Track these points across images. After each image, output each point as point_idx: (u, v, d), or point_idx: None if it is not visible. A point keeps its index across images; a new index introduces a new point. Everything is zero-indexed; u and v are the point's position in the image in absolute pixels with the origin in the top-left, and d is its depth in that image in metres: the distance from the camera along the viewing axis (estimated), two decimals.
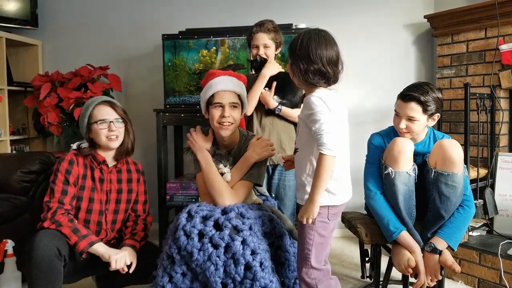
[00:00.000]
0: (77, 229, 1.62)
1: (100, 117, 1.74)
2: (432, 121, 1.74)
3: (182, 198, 2.61)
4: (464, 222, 1.66)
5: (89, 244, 1.61)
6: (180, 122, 2.79)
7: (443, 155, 1.61)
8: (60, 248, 1.54)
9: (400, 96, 1.74)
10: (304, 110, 1.44)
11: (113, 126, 1.74)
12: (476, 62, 2.49)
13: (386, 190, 1.71)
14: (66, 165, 1.74)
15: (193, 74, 2.69)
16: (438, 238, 1.63)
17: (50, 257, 1.51)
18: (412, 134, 1.73)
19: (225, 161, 1.73)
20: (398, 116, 1.73)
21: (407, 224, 1.67)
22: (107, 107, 1.76)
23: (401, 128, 1.71)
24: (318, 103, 1.37)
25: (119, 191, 1.81)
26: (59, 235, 1.59)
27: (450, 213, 1.65)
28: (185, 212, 1.55)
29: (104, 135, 1.74)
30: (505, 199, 2.30)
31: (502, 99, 2.43)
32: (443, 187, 1.62)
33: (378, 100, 2.78)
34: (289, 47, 1.45)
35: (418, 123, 1.70)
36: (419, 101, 1.66)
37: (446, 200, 1.63)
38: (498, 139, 2.43)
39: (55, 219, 1.63)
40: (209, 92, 1.71)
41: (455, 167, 1.60)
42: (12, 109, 3.09)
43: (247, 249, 1.44)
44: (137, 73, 3.22)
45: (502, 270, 1.94)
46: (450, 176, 1.61)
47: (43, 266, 1.50)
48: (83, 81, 2.91)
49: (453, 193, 1.62)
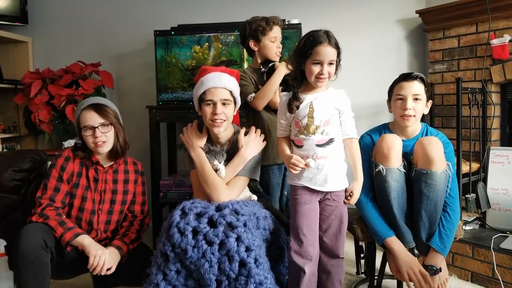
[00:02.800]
0: (63, 222, 1.62)
1: (84, 123, 1.72)
2: (426, 108, 1.76)
3: (175, 195, 2.60)
4: (453, 228, 1.68)
5: (74, 236, 1.60)
6: (173, 119, 2.77)
7: (422, 153, 1.62)
8: (46, 240, 1.54)
9: (401, 78, 1.75)
10: (343, 100, 1.59)
11: (98, 132, 1.71)
12: (467, 57, 2.50)
13: (377, 188, 1.70)
14: (61, 162, 1.74)
15: (185, 70, 2.68)
16: (434, 252, 1.64)
17: (36, 248, 1.50)
18: (416, 116, 1.71)
19: (220, 157, 1.73)
20: (402, 100, 1.72)
21: (398, 222, 1.66)
22: (92, 112, 1.72)
23: (408, 109, 1.69)
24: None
25: (114, 191, 1.80)
26: (46, 228, 1.59)
27: (430, 213, 1.64)
28: (179, 209, 1.54)
29: (91, 142, 1.72)
30: (497, 193, 2.32)
31: (494, 93, 2.45)
32: (423, 186, 1.63)
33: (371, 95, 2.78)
34: (337, 47, 1.54)
35: (421, 103, 1.72)
36: (421, 79, 1.72)
37: (425, 199, 1.63)
38: (490, 133, 2.45)
39: (43, 213, 1.64)
40: (201, 89, 1.70)
41: (433, 165, 1.60)
42: (2, 107, 3.06)
43: (241, 246, 1.44)
44: (129, 70, 3.19)
45: (495, 264, 1.96)
46: (428, 175, 1.61)
47: (29, 257, 1.49)
48: (74, 78, 2.88)
49: (432, 191, 1.62)
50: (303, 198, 1.58)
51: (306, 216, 1.57)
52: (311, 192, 1.58)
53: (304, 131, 1.56)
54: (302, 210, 1.57)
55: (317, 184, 1.56)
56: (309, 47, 1.51)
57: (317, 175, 1.55)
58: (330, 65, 1.53)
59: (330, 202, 1.59)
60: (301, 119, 1.56)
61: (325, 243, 1.60)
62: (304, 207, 1.57)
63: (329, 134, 1.55)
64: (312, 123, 1.54)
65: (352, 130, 1.61)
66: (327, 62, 1.51)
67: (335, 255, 1.61)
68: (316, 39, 1.51)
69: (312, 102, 1.56)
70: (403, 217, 1.68)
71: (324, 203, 1.59)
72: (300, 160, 1.54)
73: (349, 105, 1.61)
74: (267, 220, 1.66)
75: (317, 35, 1.52)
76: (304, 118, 1.55)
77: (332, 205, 1.59)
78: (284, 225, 1.81)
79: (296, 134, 1.59)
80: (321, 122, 1.54)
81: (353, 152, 1.61)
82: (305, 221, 1.57)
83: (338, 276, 1.62)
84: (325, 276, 1.62)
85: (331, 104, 1.57)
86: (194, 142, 1.74)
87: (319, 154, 1.55)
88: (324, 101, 1.57)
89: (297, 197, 1.59)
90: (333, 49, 1.52)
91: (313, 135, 1.55)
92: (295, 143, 1.61)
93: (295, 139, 1.61)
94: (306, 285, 1.57)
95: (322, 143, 1.55)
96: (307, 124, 1.55)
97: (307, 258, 1.56)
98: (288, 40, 2.52)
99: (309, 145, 1.55)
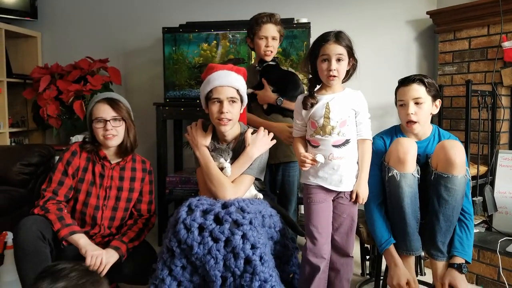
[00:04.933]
0: (62, 217, 1.63)
1: (97, 115, 1.73)
2: (435, 108, 1.73)
3: (181, 192, 2.60)
4: (472, 233, 1.67)
5: (70, 233, 1.61)
6: (180, 116, 2.78)
7: (444, 156, 1.57)
8: (44, 232, 1.55)
9: (400, 84, 1.75)
10: (359, 101, 1.60)
11: (109, 125, 1.72)
12: (478, 59, 2.48)
13: (390, 193, 1.66)
14: (68, 156, 1.76)
15: (193, 68, 2.68)
16: (457, 258, 1.61)
17: (34, 239, 1.52)
18: (420, 122, 1.69)
19: (226, 155, 1.72)
20: (404, 105, 1.71)
21: (410, 228, 1.63)
22: (106, 105, 1.74)
23: (410, 115, 1.67)
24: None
25: (120, 188, 1.80)
26: (44, 221, 1.61)
27: (448, 218, 1.60)
28: (185, 206, 1.54)
29: (101, 134, 1.73)
30: (504, 197, 2.30)
31: (504, 96, 2.43)
32: (442, 190, 1.59)
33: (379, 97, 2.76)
34: (348, 46, 1.56)
35: (425, 106, 1.68)
36: (420, 80, 1.69)
37: (444, 203, 1.59)
38: (499, 136, 2.42)
39: (45, 207, 1.66)
40: (208, 87, 1.70)
41: (455, 169, 1.56)
42: (11, 101, 3.08)
43: (247, 243, 1.44)
44: (137, 67, 3.19)
45: (500, 267, 1.95)
46: (449, 179, 1.57)
47: (28, 248, 1.51)
48: (82, 74, 2.89)
49: (452, 196, 1.58)
50: (318, 197, 1.59)
51: (320, 214, 1.58)
52: (326, 191, 1.58)
53: (320, 131, 1.56)
54: (316, 209, 1.58)
55: (332, 184, 1.57)
56: (317, 46, 1.57)
57: (332, 175, 1.56)
58: (338, 62, 1.54)
59: (343, 201, 1.59)
60: (317, 119, 1.57)
61: (336, 241, 1.61)
62: (319, 206, 1.58)
63: (345, 135, 1.56)
64: (329, 123, 1.55)
65: (368, 131, 1.61)
66: (335, 58, 1.53)
67: (345, 254, 1.61)
68: (324, 38, 1.56)
69: (328, 102, 1.57)
70: (415, 224, 1.65)
71: (337, 201, 1.60)
72: (307, 155, 1.55)
73: (366, 106, 1.62)
74: (273, 219, 1.65)
75: (325, 34, 1.57)
76: (321, 118, 1.56)
77: (345, 204, 1.59)
78: (290, 223, 1.81)
79: (312, 134, 1.60)
80: (337, 123, 1.55)
81: (365, 153, 1.60)
82: (320, 219, 1.58)
83: (347, 275, 1.63)
84: (334, 274, 1.63)
85: (347, 105, 1.58)
86: (199, 141, 1.74)
87: (335, 154, 1.55)
88: (340, 102, 1.57)
89: (312, 196, 1.60)
90: (341, 47, 1.54)
91: (329, 135, 1.55)
92: (311, 143, 1.62)
93: (311, 139, 1.61)
94: (318, 282, 1.58)
95: (339, 144, 1.55)
96: (323, 124, 1.55)
97: (322, 256, 1.57)
98: (296, 39, 2.52)
99: (325, 146, 1.56)
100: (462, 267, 1.59)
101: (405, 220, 1.63)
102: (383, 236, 1.68)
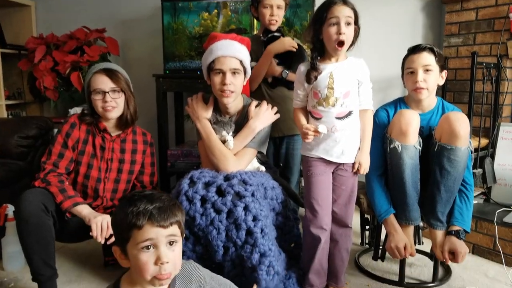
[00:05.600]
0: (64, 189, 1.62)
1: (95, 86, 1.69)
2: (441, 79, 1.71)
3: (183, 165, 2.59)
4: (471, 203, 1.69)
5: (73, 204, 1.60)
6: (180, 88, 2.73)
7: (448, 128, 1.57)
8: (46, 204, 1.54)
9: (409, 52, 1.71)
10: (363, 71, 1.55)
11: (108, 97, 1.68)
12: (484, 31, 2.43)
13: (391, 165, 1.67)
14: (67, 128, 1.73)
15: (193, 38, 2.62)
16: (456, 226, 1.64)
17: (37, 212, 1.51)
18: (429, 89, 1.67)
19: (228, 128, 1.71)
20: (412, 73, 1.68)
21: (409, 199, 1.65)
22: (104, 76, 1.69)
23: (419, 82, 1.65)
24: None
25: (121, 161, 1.79)
26: (46, 193, 1.60)
27: (449, 189, 1.62)
28: (187, 178, 1.54)
29: (100, 106, 1.70)
30: (504, 169, 2.32)
31: (508, 69, 2.40)
32: (445, 161, 1.59)
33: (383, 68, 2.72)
34: (354, 9, 1.49)
35: (433, 74, 1.66)
36: (430, 49, 1.66)
37: (446, 175, 1.60)
38: (501, 109, 2.41)
39: (46, 179, 1.64)
40: (210, 57, 1.66)
41: (459, 141, 1.56)
42: (6, 73, 3.02)
43: (249, 215, 1.45)
44: (136, 37, 3.12)
45: (497, 237, 1.98)
46: (453, 150, 1.57)
47: (31, 221, 1.50)
48: (79, 44, 2.83)
49: (454, 167, 1.59)
50: (318, 169, 1.58)
51: (320, 187, 1.57)
52: (326, 163, 1.57)
53: (323, 102, 1.52)
54: (316, 181, 1.57)
55: (334, 156, 1.55)
56: (324, 10, 1.48)
57: (334, 147, 1.54)
58: (348, 26, 1.47)
59: (343, 173, 1.59)
60: (321, 89, 1.52)
61: (335, 213, 1.61)
62: (319, 178, 1.57)
63: (348, 106, 1.52)
64: (332, 94, 1.51)
65: (369, 101, 1.58)
66: (344, 21, 1.46)
67: (344, 224, 1.63)
68: (330, 1, 1.48)
69: (332, 72, 1.52)
70: (415, 195, 1.67)
71: (336, 173, 1.59)
72: (309, 126, 1.52)
73: (368, 75, 1.57)
74: (275, 191, 1.66)
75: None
76: (324, 89, 1.51)
77: (344, 176, 1.59)
78: (292, 195, 1.82)
79: (314, 105, 1.55)
80: (341, 93, 1.51)
81: (366, 123, 1.58)
82: (320, 191, 1.57)
83: (345, 245, 1.65)
84: (333, 244, 1.65)
85: (351, 74, 1.53)
86: (200, 113, 1.72)
87: (338, 127, 1.52)
88: (344, 71, 1.53)
89: (311, 168, 1.58)
90: (349, 9, 1.47)
91: (332, 107, 1.51)
92: (312, 115, 1.58)
93: (313, 110, 1.57)
94: (321, 252, 1.60)
95: (342, 116, 1.52)
96: (327, 95, 1.51)
97: (323, 227, 1.58)
98: (300, 8, 2.45)
99: (328, 118, 1.52)
100: (460, 233, 1.62)
101: (405, 191, 1.64)
102: (382, 206, 1.70)
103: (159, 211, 0.94)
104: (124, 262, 0.98)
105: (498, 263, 1.97)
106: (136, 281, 0.98)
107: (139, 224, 0.92)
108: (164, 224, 0.94)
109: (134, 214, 0.93)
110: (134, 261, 0.95)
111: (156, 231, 0.93)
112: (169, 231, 0.95)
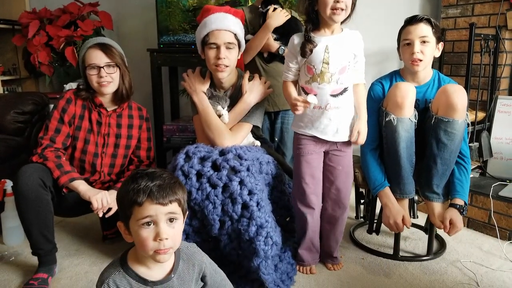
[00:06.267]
0: (61, 165, 1.64)
1: (89, 61, 1.68)
2: (437, 51, 1.69)
3: (179, 140, 2.60)
4: (469, 176, 1.70)
5: (69, 180, 1.62)
6: (175, 63, 2.70)
7: (446, 100, 1.55)
8: (44, 179, 1.56)
9: (406, 23, 1.68)
10: (359, 44, 1.51)
11: (103, 72, 1.67)
12: (483, 1, 2.38)
13: (386, 138, 1.66)
14: (63, 103, 1.73)
15: (187, 11, 2.56)
16: (458, 200, 1.64)
17: (34, 187, 1.53)
18: (425, 61, 1.64)
19: (223, 102, 1.70)
20: (409, 44, 1.65)
21: (404, 172, 1.65)
22: (98, 51, 1.68)
23: (416, 53, 1.62)
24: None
25: (118, 136, 1.80)
26: (44, 168, 1.61)
27: (445, 162, 1.62)
28: (183, 153, 1.55)
29: (95, 81, 1.69)
30: (500, 142, 2.32)
31: (507, 40, 2.36)
32: (441, 134, 1.59)
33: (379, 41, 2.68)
34: None
35: (430, 45, 1.63)
36: (427, 20, 1.63)
37: (443, 147, 1.60)
38: (499, 82, 2.39)
39: (43, 154, 1.66)
40: (204, 31, 1.64)
41: (456, 113, 1.55)
42: (1, 49, 2.99)
43: (244, 189, 1.45)
44: (129, 11, 3.06)
45: (492, 210, 2.00)
46: (450, 123, 1.57)
47: (29, 195, 1.53)
48: (72, 19, 2.78)
49: (451, 140, 1.59)
50: (308, 148, 1.56)
51: (309, 165, 1.57)
52: (317, 142, 1.56)
53: (317, 78, 1.47)
54: (305, 160, 1.56)
55: (328, 135, 1.53)
56: None
57: (328, 125, 1.51)
58: None
59: (337, 153, 1.58)
60: (315, 64, 1.46)
61: (332, 193, 1.61)
62: (308, 157, 1.57)
63: (344, 83, 1.48)
64: (327, 70, 1.45)
65: (362, 75, 1.56)
66: None
67: (341, 205, 1.63)
68: None
69: (327, 45, 1.46)
70: (410, 168, 1.67)
71: (331, 153, 1.58)
72: (298, 98, 1.47)
73: (362, 48, 1.53)
74: (270, 165, 1.67)
75: None
76: (319, 64, 1.46)
77: (339, 156, 1.58)
78: (286, 170, 1.83)
79: (307, 81, 1.50)
80: (337, 69, 1.46)
81: (360, 96, 1.56)
82: (308, 170, 1.57)
83: (341, 227, 1.66)
84: (329, 225, 1.66)
85: (347, 48, 1.48)
86: (197, 87, 1.71)
87: (332, 104, 1.48)
88: (340, 45, 1.47)
89: (301, 147, 1.57)
90: None
91: (327, 84, 1.46)
92: (305, 90, 1.52)
93: (306, 86, 1.51)
94: (311, 230, 1.62)
95: (336, 93, 1.49)
96: (322, 71, 1.45)
97: (310, 206, 1.59)
98: None
99: (322, 95, 1.47)
100: (463, 209, 1.63)
101: (400, 164, 1.64)
102: (377, 179, 1.71)
103: (159, 188, 0.96)
104: (128, 238, 1.01)
105: (493, 237, 1.99)
106: (140, 256, 1.01)
107: (139, 201, 0.94)
108: (163, 201, 0.96)
109: (135, 191, 0.95)
110: (135, 237, 0.98)
111: (156, 208, 0.95)
112: (168, 208, 0.96)
